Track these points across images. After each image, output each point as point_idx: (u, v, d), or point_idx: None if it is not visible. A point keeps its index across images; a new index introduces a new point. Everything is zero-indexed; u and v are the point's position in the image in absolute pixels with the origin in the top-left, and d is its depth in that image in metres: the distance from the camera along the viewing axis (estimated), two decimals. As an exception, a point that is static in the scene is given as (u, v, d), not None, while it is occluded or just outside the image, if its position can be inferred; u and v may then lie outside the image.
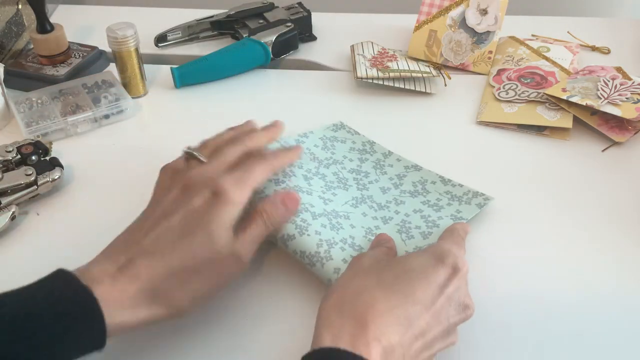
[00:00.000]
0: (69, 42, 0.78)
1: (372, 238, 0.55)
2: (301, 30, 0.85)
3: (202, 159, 0.51)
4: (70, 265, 0.55)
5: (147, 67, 0.79)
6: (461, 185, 0.61)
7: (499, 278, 0.53)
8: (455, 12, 0.79)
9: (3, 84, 0.73)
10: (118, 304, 0.42)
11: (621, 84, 0.71)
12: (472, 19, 0.78)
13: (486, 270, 0.54)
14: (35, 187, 0.60)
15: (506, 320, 0.50)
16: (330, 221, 0.55)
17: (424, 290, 0.43)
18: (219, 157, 0.51)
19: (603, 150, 0.67)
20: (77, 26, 0.90)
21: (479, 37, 0.79)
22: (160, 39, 0.86)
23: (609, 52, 0.84)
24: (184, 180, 0.49)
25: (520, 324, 0.50)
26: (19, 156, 0.63)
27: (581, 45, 0.85)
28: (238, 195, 0.47)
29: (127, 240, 0.46)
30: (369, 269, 0.46)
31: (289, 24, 0.83)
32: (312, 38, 0.88)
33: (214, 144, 0.54)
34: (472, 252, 0.56)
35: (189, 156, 0.53)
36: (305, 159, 0.62)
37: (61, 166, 0.63)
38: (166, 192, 0.49)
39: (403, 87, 0.75)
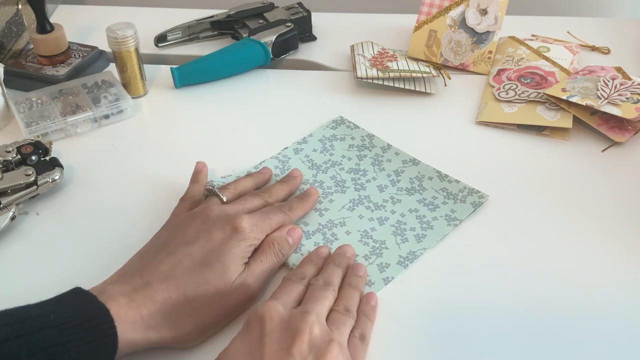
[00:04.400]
0: (69, 42, 0.78)
1: (368, 241, 0.56)
2: (301, 30, 0.85)
3: (223, 198, 0.55)
4: (71, 266, 0.55)
5: (147, 67, 0.79)
6: (457, 181, 0.62)
7: (499, 278, 0.53)
8: (455, 12, 0.79)
9: (3, 84, 0.73)
10: (131, 323, 0.43)
11: (621, 84, 0.71)
12: (472, 19, 0.78)
13: (486, 269, 0.54)
14: (35, 187, 0.60)
15: (504, 319, 0.50)
16: (325, 235, 0.56)
17: None
18: (241, 202, 0.54)
19: (603, 150, 0.67)
20: (77, 26, 0.90)
21: (479, 37, 0.79)
22: (160, 39, 0.86)
23: (609, 52, 0.84)
24: (206, 213, 0.52)
25: (519, 324, 0.49)
26: (19, 156, 0.63)
27: (581, 45, 0.85)
28: (254, 235, 0.51)
29: (144, 264, 0.48)
30: None
31: (289, 24, 0.83)
32: (312, 38, 0.88)
33: (234, 188, 0.57)
34: (471, 251, 0.56)
35: (210, 193, 0.56)
36: (303, 168, 0.63)
37: (61, 166, 0.63)
38: (186, 220, 0.52)
39: (403, 87, 0.75)
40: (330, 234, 0.57)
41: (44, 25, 0.75)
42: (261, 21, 0.85)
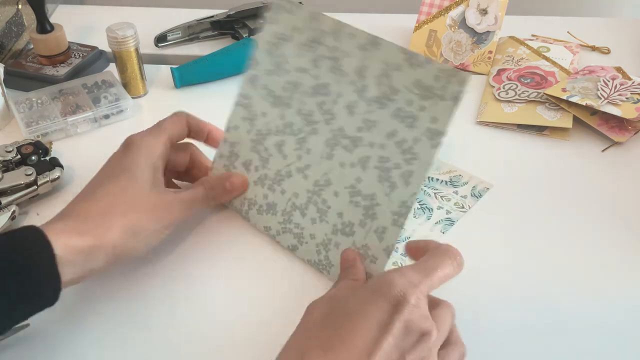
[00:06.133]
0: (69, 42, 0.78)
1: (358, 200, 0.52)
2: (301, 30, 0.85)
3: None
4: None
5: (147, 67, 0.79)
6: (429, 62, 0.49)
7: (499, 277, 0.53)
8: (455, 12, 0.79)
9: (3, 84, 0.73)
10: (62, 232, 0.45)
11: (621, 84, 0.71)
12: (472, 19, 0.78)
13: (486, 269, 0.54)
14: (35, 187, 0.60)
15: (502, 319, 0.50)
16: (317, 206, 0.54)
17: (362, 333, 0.38)
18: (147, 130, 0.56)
19: (603, 150, 0.67)
20: (77, 26, 0.90)
21: (479, 37, 0.79)
22: (160, 39, 0.86)
23: (609, 52, 0.84)
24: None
25: (516, 323, 0.50)
26: (19, 156, 0.63)
27: (581, 45, 0.85)
28: (146, 143, 0.53)
29: (68, 205, 0.50)
30: (314, 323, 0.41)
31: (289, 24, 0.83)
32: (312, 38, 0.88)
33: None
34: (470, 251, 0.56)
35: None
36: (267, 108, 0.57)
37: (61, 166, 0.63)
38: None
39: (403, 87, 0.74)
40: (321, 201, 0.54)
41: (44, 25, 0.75)
42: (261, 21, 0.84)
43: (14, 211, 0.58)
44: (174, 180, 0.60)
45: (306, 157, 0.55)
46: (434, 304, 0.44)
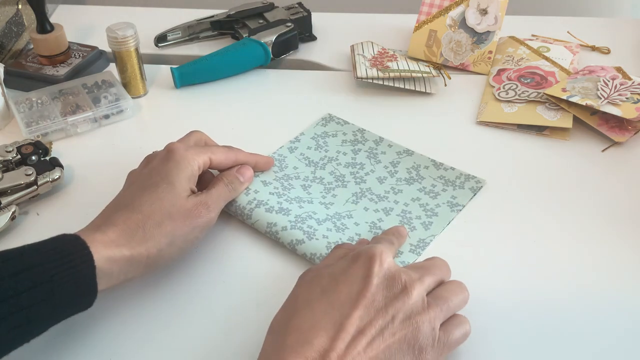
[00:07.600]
0: (69, 42, 0.78)
1: (377, 232, 0.56)
2: (301, 30, 0.85)
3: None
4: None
5: (147, 67, 0.79)
6: (453, 169, 0.63)
7: (499, 276, 0.53)
8: (455, 12, 0.79)
9: (3, 84, 0.73)
10: (102, 243, 0.46)
11: (621, 84, 0.71)
12: (472, 19, 0.79)
13: (485, 269, 0.54)
14: (35, 187, 0.60)
15: (501, 317, 0.50)
16: (335, 224, 0.57)
17: (347, 290, 0.43)
18: (183, 141, 0.58)
19: (603, 150, 0.67)
20: (77, 26, 0.90)
21: (479, 37, 0.79)
22: (160, 39, 0.86)
23: (609, 52, 0.84)
24: (149, 158, 0.57)
25: (514, 322, 0.50)
26: (19, 156, 0.63)
27: (581, 45, 0.85)
28: (189, 155, 0.54)
29: (104, 210, 0.52)
30: (307, 286, 0.45)
31: (289, 24, 0.83)
32: (312, 38, 0.88)
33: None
34: (470, 251, 0.56)
35: None
36: (301, 166, 0.64)
37: (61, 166, 0.63)
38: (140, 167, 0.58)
39: (403, 87, 0.75)
40: (340, 223, 0.57)
41: (44, 25, 0.75)
42: (261, 21, 0.85)
43: (14, 211, 0.58)
44: None
45: (331, 199, 0.60)
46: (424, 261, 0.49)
